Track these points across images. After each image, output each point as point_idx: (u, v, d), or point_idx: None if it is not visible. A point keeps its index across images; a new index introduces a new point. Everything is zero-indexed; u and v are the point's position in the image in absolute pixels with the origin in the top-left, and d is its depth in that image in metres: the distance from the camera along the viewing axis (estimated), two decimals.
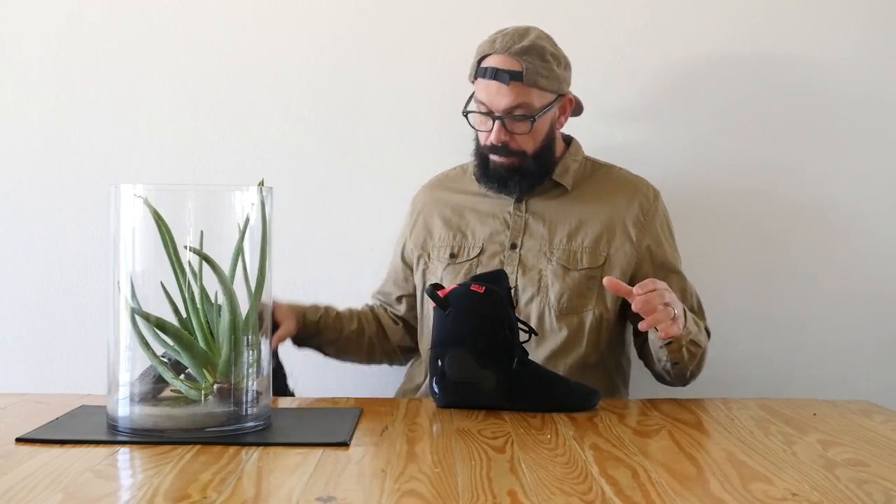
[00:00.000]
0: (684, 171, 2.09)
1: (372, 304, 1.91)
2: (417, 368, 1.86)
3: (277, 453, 1.20)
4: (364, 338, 1.84)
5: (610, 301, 1.72)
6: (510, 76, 1.66)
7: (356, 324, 1.83)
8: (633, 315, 1.54)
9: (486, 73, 1.68)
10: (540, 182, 1.77)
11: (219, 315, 1.29)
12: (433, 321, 1.53)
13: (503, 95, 1.67)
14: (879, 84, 2.09)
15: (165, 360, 1.29)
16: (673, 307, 1.49)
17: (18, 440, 1.24)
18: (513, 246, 1.77)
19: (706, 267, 2.00)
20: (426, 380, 1.79)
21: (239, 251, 1.29)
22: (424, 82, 2.08)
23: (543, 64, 1.69)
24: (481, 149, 1.76)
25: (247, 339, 1.29)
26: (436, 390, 1.50)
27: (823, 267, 2.11)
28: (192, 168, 2.10)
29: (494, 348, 1.47)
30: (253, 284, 1.30)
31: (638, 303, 1.46)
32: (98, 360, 1.39)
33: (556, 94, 1.72)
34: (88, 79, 2.11)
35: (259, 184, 1.31)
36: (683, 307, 1.57)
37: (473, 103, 1.74)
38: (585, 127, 2.08)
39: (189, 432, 1.25)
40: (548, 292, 1.73)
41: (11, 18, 2.11)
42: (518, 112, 1.69)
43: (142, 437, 1.25)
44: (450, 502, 1.00)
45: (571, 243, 1.74)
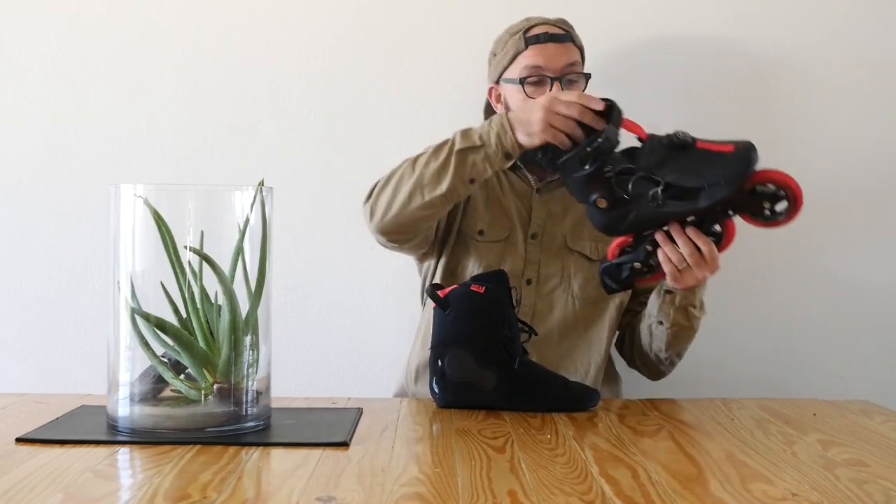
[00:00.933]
0: None
1: None
2: (414, 357, 1.84)
3: (277, 453, 1.20)
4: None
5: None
6: (567, 36, 1.74)
7: None
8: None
9: (540, 38, 1.72)
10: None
11: (219, 315, 1.29)
12: (433, 321, 1.53)
13: (561, 54, 1.73)
14: (879, 84, 2.09)
15: (165, 360, 1.29)
16: (707, 278, 1.53)
17: (18, 440, 1.24)
18: (534, 236, 1.77)
19: None
20: (418, 372, 1.81)
21: (239, 251, 1.29)
22: (424, 82, 2.08)
23: (577, 35, 1.79)
24: None
25: (247, 340, 1.30)
26: (436, 390, 1.50)
27: (823, 267, 2.11)
28: (192, 168, 2.10)
29: (494, 348, 1.47)
30: (253, 284, 1.30)
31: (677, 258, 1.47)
32: (98, 360, 1.39)
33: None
34: (88, 79, 2.11)
35: (259, 184, 1.31)
36: None
37: (521, 73, 1.73)
38: None
39: (189, 432, 1.25)
40: (571, 282, 1.75)
41: (11, 18, 2.11)
42: (573, 70, 1.74)
43: (142, 437, 1.25)
44: (450, 502, 1.00)
45: (594, 232, 1.73)
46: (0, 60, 2.12)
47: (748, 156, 1.40)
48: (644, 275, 1.53)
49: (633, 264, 1.52)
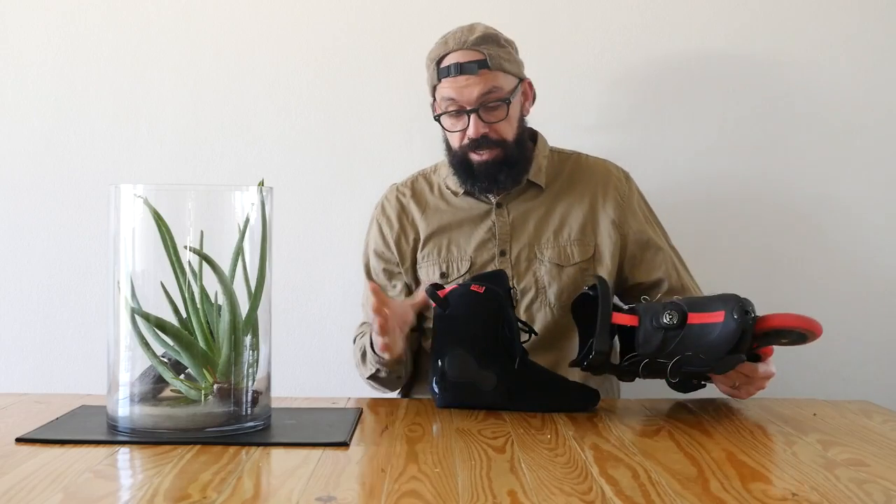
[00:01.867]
0: (683, 172, 2.09)
1: None
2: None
3: (277, 453, 1.20)
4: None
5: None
6: (477, 65, 1.67)
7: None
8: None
9: (451, 71, 1.67)
10: (524, 171, 1.75)
11: (219, 315, 1.29)
12: (433, 321, 1.53)
13: (473, 86, 1.66)
14: (879, 84, 2.09)
15: (165, 360, 1.29)
16: (766, 385, 1.54)
17: (18, 440, 1.24)
18: (502, 253, 1.75)
19: (705, 267, 1.99)
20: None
21: (239, 251, 1.29)
22: (423, 82, 2.07)
23: (501, 49, 1.70)
24: (458, 151, 1.72)
25: (247, 340, 1.30)
26: (435, 390, 1.49)
27: (823, 267, 2.11)
28: (192, 168, 2.10)
29: (495, 348, 1.47)
30: (253, 284, 1.30)
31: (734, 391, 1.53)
32: (98, 360, 1.39)
33: (518, 79, 1.73)
34: (88, 79, 2.11)
35: (259, 184, 1.31)
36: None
37: (441, 106, 1.71)
38: (585, 127, 2.09)
39: (189, 432, 1.25)
40: (546, 292, 1.73)
41: (11, 18, 2.11)
42: (490, 99, 1.67)
43: (142, 437, 1.25)
44: (450, 502, 1.00)
45: (559, 240, 1.74)
46: (0, 60, 2.12)
47: (742, 325, 1.39)
48: (685, 387, 1.55)
49: (669, 379, 1.50)
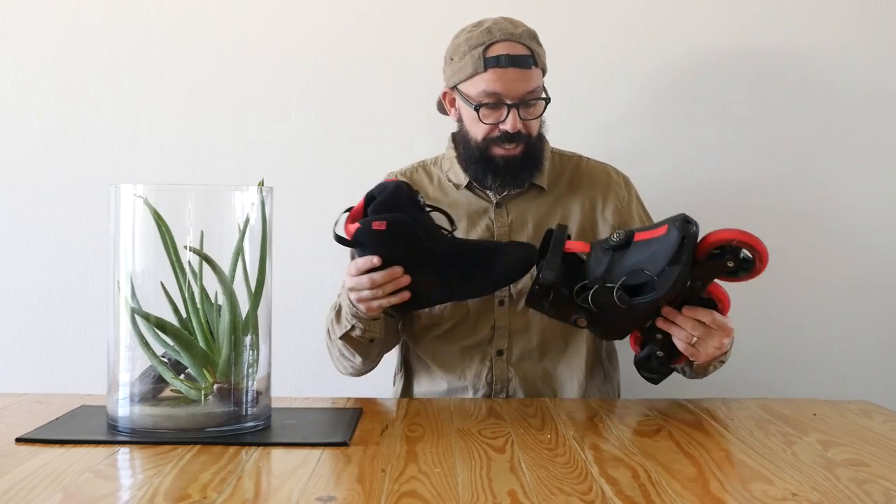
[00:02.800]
0: (683, 172, 2.09)
1: None
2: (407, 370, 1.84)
3: (277, 453, 1.20)
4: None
5: None
6: (530, 60, 1.63)
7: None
8: None
9: (501, 61, 1.61)
10: (540, 168, 1.73)
11: (219, 315, 1.29)
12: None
13: (522, 81, 1.62)
14: (879, 83, 2.09)
15: (165, 360, 1.30)
16: (726, 343, 1.48)
17: (18, 440, 1.24)
18: None
19: None
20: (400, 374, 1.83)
21: (239, 251, 1.29)
22: (424, 82, 2.08)
23: (540, 48, 1.69)
24: (481, 144, 1.67)
25: (247, 340, 1.30)
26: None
27: (823, 267, 2.11)
28: (192, 168, 2.10)
29: (422, 257, 1.45)
30: (253, 284, 1.30)
31: (685, 337, 1.45)
32: (98, 360, 1.39)
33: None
34: (88, 79, 2.11)
35: (259, 184, 1.31)
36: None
37: (474, 97, 1.64)
38: (585, 127, 2.09)
39: (189, 432, 1.25)
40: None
41: (11, 18, 2.11)
42: (532, 96, 1.64)
43: (142, 437, 1.25)
44: (450, 502, 1.00)
45: None
46: (0, 60, 2.12)
47: (682, 232, 1.40)
48: (673, 358, 1.53)
49: (657, 353, 1.52)
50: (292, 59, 2.11)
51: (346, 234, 1.45)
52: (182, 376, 1.30)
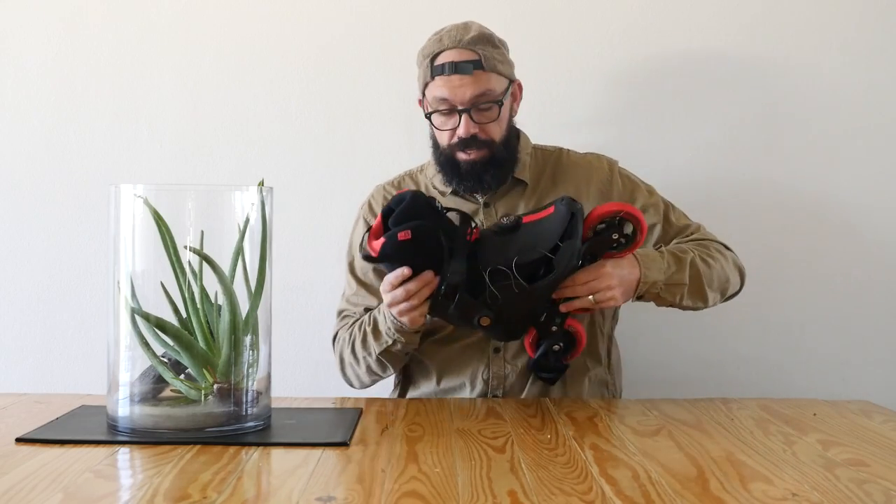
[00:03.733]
0: (682, 173, 2.10)
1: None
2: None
3: (277, 453, 1.20)
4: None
5: None
6: (472, 65, 1.65)
7: None
8: None
9: (445, 69, 1.65)
10: (509, 172, 1.74)
11: (219, 315, 1.29)
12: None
13: (467, 86, 1.65)
14: (878, 83, 2.09)
15: (165, 360, 1.30)
16: (613, 282, 1.52)
17: (18, 440, 1.24)
18: None
19: None
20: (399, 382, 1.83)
21: (239, 251, 1.29)
22: None
23: (495, 50, 1.70)
24: (446, 150, 1.71)
25: (247, 340, 1.30)
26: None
27: (823, 267, 2.11)
28: (192, 168, 2.10)
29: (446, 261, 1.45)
30: (253, 284, 1.30)
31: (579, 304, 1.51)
32: (98, 360, 1.39)
33: (509, 80, 1.72)
34: (88, 79, 2.12)
35: (259, 184, 1.31)
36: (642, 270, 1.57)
37: (431, 104, 1.69)
38: (585, 127, 2.09)
39: (189, 432, 1.25)
40: None
41: (11, 18, 2.11)
42: (483, 100, 1.66)
43: (142, 437, 1.25)
44: (450, 502, 1.00)
45: None
46: (0, 61, 2.12)
47: (568, 209, 1.45)
48: (568, 350, 1.58)
49: (553, 347, 1.56)
50: (292, 59, 2.11)
51: (372, 252, 1.45)
52: (182, 376, 1.30)
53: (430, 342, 1.73)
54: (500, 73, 1.68)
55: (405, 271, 1.44)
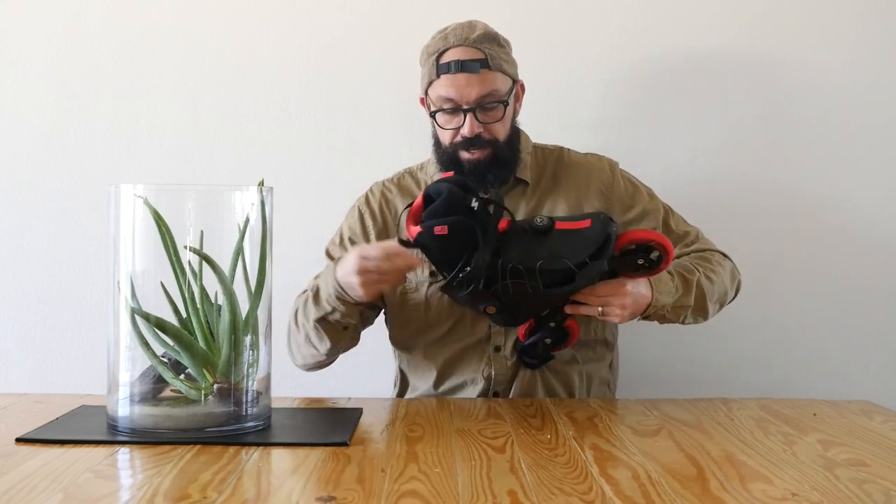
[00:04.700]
0: (682, 173, 2.10)
1: None
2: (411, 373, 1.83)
3: (277, 453, 1.20)
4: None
5: None
6: (479, 64, 1.65)
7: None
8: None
9: (451, 67, 1.64)
10: (511, 172, 1.74)
11: (219, 315, 1.29)
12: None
13: (473, 85, 1.64)
14: (878, 83, 2.09)
15: (165, 360, 1.30)
16: (627, 303, 1.52)
17: (18, 440, 1.24)
18: None
19: None
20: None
21: (239, 251, 1.29)
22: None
23: (501, 49, 1.69)
24: (449, 149, 1.70)
25: (247, 340, 1.30)
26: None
27: (823, 267, 2.11)
28: (192, 168, 2.10)
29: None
30: (253, 284, 1.30)
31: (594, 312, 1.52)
32: (98, 360, 1.39)
33: (513, 80, 1.72)
34: (88, 79, 2.11)
35: (259, 184, 1.31)
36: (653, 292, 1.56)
37: (435, 103, 1.68)
38: (585, 127, 2.09)
39: (189, 432, 1.25)
40: None
41: (11, 18, 2.11)
42: (489, 100, 1.66)
43: (142, 437, 1.25)
44: (450, 502, 1.00)
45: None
46: (0, 60, 2.12)
47: (606, 230, 1.45)
48: (558, 345, 1.60)
49: (545, 340, 1.58)
50: (292, 59, 2.11)
51: (410, 235, 1.45)
52: (182, 376, 1.30)
53: (426, 344, 1.73)
54: (506, 73, 1.69)
55: (415, 264, 1.45)
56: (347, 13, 2.10)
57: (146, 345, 1.28)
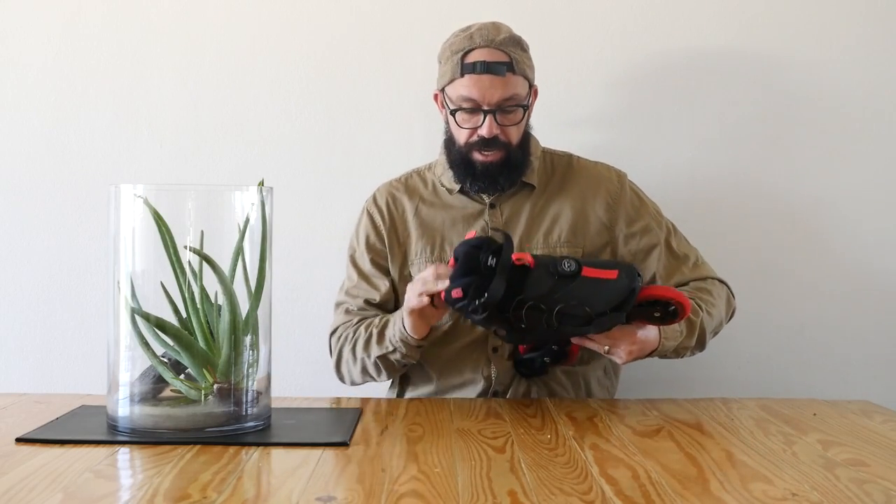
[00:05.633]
0: (682, 173, 2.09)
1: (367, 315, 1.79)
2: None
3: (277, 453, 1.20)
4: None
5: None
6: (505, 67, 1.65)
7: None
8: None
9: (477, 68, 1.64)
10: (521, 175, 1.74)
11: (219, 315, 1.29)
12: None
13: (497, 88, 1.64)
14: (878, 83, 2.09)
15: (165, 360, 1.30)
16: (634, 350, 1.55)
17: (18, 440, 1.24)
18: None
19: None
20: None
21: (239, 251, 1.29)
22: (423, 82, 2.08)
23: (524, 54, 1.70)
24: (463, 148, 1.70)
25: (247, 340, 1.30)
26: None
27: (823, 267, 2.11)
28: (192, 168, 2.10)
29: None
30: (253, 284, 1.30)
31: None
32: (98, 360, 1.39)
33: (529, 84, 1.72)
34: (88, 79, 2.11)
35: (259, 184, 1.31)
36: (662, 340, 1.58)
37: (454, 101, 1.68)
38: (585, 127, 2.09)
39: (189, 432, 1.25)
40: None
41: (11, 18, 2.11)
42: (510, 103, 1.66)
43: (142, 437, 1.25)
44: (450, 502, 1.00)
45: (549, 241, 1.73)
46: (1, 60, 2.12)
47: (632, 284, 1.45)
48: (556, 363, 1.63)
49: (544, 359, 1.61)
50: (292, 60, 2.11)
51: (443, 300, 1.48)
52: (182, 376, 1.30)
53: (429, 343, 1.73)
54: (527, 78, 1.69)
55: (444, 276, 1.46)
56: (348, 13, 2.10)
57: (146, 345, 1.28)
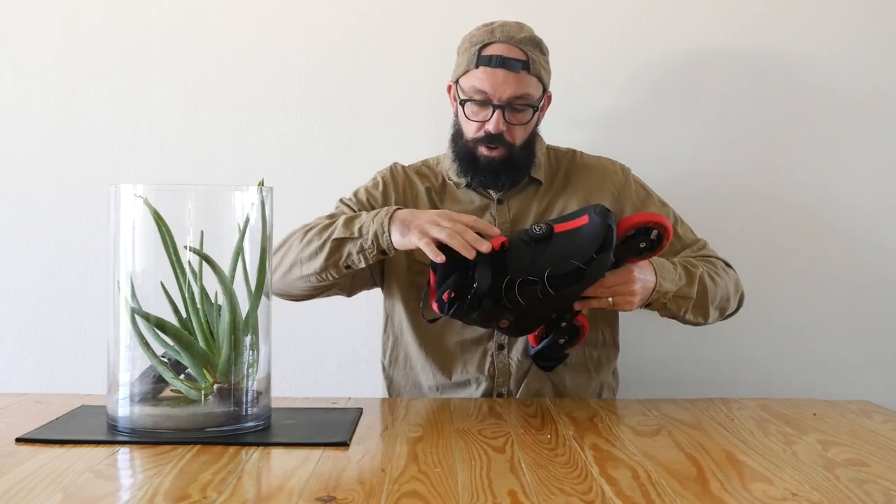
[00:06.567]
0: (683, 173, 2.10)
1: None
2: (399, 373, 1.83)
3: (277, 453, 1.20)
4: None
5: None
6: (521, 65, 1.65)
7: None
8: None
9: (492, 61, 1.65)
10: (524, 175, 1.75)
11: (219, 315, 1.29)
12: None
13: (509, 84, 1.65)
14: (879, 83, 2.09)
15: (165, 360, 1.30)
16: (636, 288, 1.53)
17: (18, 440, 1.24)
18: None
19: None
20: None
21: (239, 251, 1.29)
22: (424, 82, 2.08)
23: (543, 56, 1.71)
24: (469, 142, 1.71)
25: (247, 340, 1.30)
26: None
27: (823, 267, 2.11)
28: (192, 168, 2.10)
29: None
30: (253, 284, 1.30)
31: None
32: (98, 360, 1.39)
33: (545, 88, 1.72)
34: (88, 79, 2.11)
35: (259, 184, 1.31)
36: (657, 276, 1.57)
37: (466, 92, 1.68)
38: (585, 127, 2.09)
39: (189, 432, 1.25)
40: None
41: (11, 18, 2.11)
42: (520, 102, 1.67)
43: (142, 437, 1.25)
44: (450, 502, 1.00)
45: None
46: (0, 60, 2.12)
47: (606, 221, 1.44)
48: (572, 343, 1.61)
49: (558, 340, 1.59)
50: (292, 60, 2.11)
51: (437, 312, 1.47)
52: (182, 376, 1.30)
53: (429, 341, 1.73)
54: (541, 80, 1.70)
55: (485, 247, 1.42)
56: (348, 13, 2.10)
57: (146, 345, 1.28)
